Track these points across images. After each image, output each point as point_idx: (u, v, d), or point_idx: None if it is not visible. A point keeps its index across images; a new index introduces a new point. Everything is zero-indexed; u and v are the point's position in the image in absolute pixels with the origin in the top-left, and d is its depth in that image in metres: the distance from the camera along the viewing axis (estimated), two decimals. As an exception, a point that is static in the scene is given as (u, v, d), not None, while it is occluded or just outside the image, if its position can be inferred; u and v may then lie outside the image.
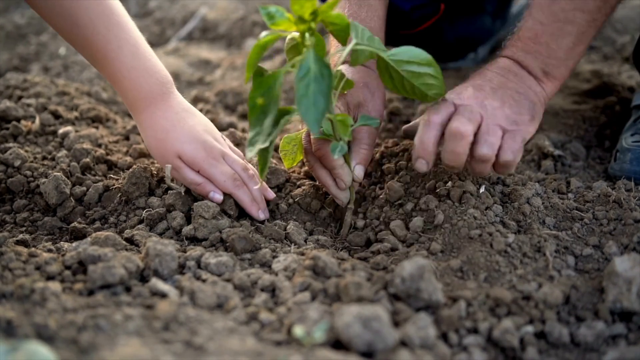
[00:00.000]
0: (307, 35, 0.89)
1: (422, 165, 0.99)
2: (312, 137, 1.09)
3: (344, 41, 0.95)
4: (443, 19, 1.47)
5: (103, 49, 1.06)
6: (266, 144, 0.90)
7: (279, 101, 0.89)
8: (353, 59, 0.95)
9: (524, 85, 1.04)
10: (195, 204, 1.06)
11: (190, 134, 1.10)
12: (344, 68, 1.16)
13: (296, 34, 0.93)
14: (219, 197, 1.08)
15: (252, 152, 0.88)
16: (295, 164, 1.13)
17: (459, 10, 1.55)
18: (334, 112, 0.98)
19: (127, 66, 1.08)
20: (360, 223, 1.12)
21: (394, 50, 0.97)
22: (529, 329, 0.83)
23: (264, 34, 0.91)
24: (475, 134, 0.97)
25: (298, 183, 1.20)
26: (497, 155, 0.98)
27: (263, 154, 0.95)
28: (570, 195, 1.13)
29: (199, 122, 1.13)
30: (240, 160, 1.13)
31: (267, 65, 1.85)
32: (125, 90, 1.09)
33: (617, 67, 1.77)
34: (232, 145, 1.18)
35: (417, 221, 1.05)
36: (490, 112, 0.99)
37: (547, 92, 1.06)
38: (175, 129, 1.09)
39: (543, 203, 1.08)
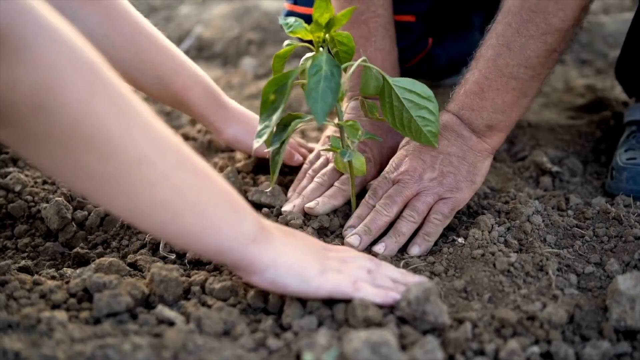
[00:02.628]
0: (321, 49, 0.95)
1: (349, 231, 1.06)
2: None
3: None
4: (434, 46, 1.49)
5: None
6: (276, 146, 0.96)
7: (288, 99, 0.93)
8: (363, 84, 0.98)
9: (466, 147, 1.08)
10: None
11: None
12: (352, 105, 1.20)
13: (309, 55, 0.98)
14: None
15: (258, 143, 0.93)
16: (362, 173, 1.13)
17: (448, 32, 1.57)
18: (342, 119, 1.02)
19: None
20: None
21: (397, 78, 1.00)
22: (535, 349, 0.83)
23: (285, 43, 0.99)
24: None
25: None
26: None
27: (275, 158, 0.99)
28: (570, 212, 1.14)
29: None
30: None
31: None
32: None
33: (611, 81, 1.79)
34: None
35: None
36: (426, 185, 1.06)
37: (492, 145, 1.09)
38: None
39: (543, 221, 1.09)
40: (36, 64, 0.66)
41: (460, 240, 1.05)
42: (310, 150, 1.30)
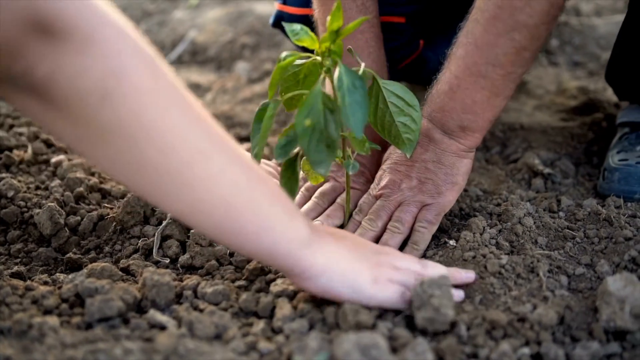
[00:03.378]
0: (326, 59, 0.93)
1: None
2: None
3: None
4: (425, 49, 1.49)
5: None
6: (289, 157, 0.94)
7: (334, 110, 0.88)
8: None
9: (439, 150, 1.07)
10: (192, 231, 1.06)
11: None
12: None
13: (299, 62, 0.96)
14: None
15: (325, 169, 0.88)
16: (322, 180, 1.12)
17: (440, 35, 1.57)
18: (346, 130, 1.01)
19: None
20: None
21: (387, 81, 1.00)
22: (526, 350, 0.83)
23: (284, 54, 0.96)
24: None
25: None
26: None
27: (289, 170, 0.98)
28: (561, 213, 1.15)
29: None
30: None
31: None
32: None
33: (603, 83, 1.80)
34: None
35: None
36: (407, 195, 1.07)
37: (467, 145, 1.07)
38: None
39: (535, 223, 1.09)
40: (104, 52, 0.69)
41: (452, 242, 1.06)
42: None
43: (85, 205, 1.21)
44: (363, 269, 0.86)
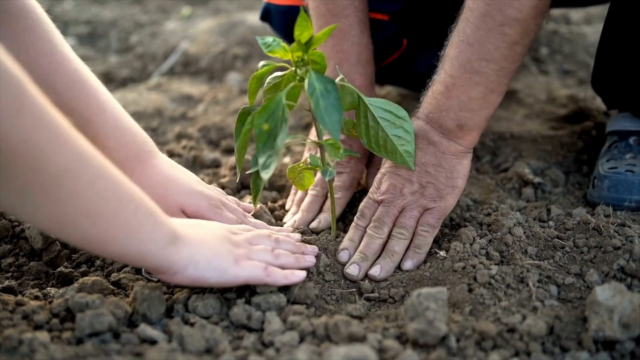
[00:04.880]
0: (299, 69, 0.95)
1: (344, 255, 1.08)
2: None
3: None
4: (414, 50, 1.49)
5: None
6: (257, 169, 0.95)
7: (287, 122, 0.91)
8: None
9: (439, 152, 1.09)
10: None
11: (186, 186, 1.08)
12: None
13: (279, 73, 0.99)
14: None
15: (268, 174, 0.90)
16: (309, 187, 1.15)
17: (429, 40, 1.57)
18: (322, 138, 1.02)
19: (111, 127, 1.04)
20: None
21: (372, 98, 1.02)
22: (515, 361, 0.84)
23: (261, 64, 0.99)
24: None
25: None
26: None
27: (256, 181, 1.00)
28: (551, 223, 1.16)
29: (190, 175, 1.12)
30: (239, 208, 1.13)
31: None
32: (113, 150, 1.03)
33: (592, 91, 1.80)
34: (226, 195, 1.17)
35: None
36: (409, 200, 1.09)
37: (465, 145, 1.09)
38: (171, 183, 1.07)
39: (525, 232, 1.10)
40: None
41: (442, 253, 1.06)
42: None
43: (77, 219, 1.20)
44: (224, 251, 0.92)
